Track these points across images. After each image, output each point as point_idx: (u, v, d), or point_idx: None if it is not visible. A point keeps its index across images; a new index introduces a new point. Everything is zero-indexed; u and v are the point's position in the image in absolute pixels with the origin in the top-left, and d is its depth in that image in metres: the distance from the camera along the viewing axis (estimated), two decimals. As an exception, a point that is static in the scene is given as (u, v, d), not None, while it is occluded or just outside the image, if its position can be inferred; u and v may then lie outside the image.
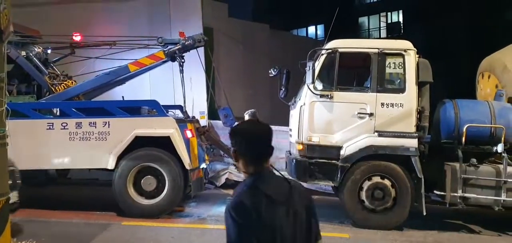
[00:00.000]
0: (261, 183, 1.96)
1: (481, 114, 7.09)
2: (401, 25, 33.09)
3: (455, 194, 6.89)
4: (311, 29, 36.90)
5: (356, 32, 32.82)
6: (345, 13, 26.63)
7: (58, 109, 8.15)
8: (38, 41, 8.95)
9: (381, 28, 34.53)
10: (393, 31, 31.93)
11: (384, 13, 34.53)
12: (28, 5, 11.04)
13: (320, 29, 35.33)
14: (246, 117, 7.29)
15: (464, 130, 6.95)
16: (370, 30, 35.10)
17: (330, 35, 7.53)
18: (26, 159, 7.25)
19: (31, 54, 8.46)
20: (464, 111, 7.13)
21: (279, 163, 8.15)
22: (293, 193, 2.02)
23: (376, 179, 6.99)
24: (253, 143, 2.02)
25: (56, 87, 8.34)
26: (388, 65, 7.10)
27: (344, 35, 7.82)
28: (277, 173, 2.09)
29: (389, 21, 34.42)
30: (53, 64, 9.08)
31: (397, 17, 33.99)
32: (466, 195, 6.90)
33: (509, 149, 6.99)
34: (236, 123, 8.05)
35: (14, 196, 5.89)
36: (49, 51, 8.93)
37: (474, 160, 6.97)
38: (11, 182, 5.88)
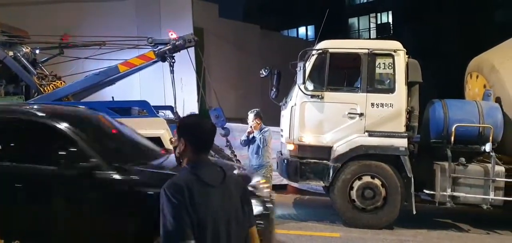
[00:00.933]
0: (198, 169, 2.12)
1: (470, 114, 7.15)
2: (391, 25, 33.38)
3: (444, 193, 6.95)
4: (302, 30, 37.01)
5: (346, 33, 33.01)
6: (335, 14, 26.74)
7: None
8: (26, 41, 8.84)
9: (371, 29, 34.77)
10: (383, 32, 32.16)
11: (373, 14, 34.79)
12: (17, 5, 10.92)
13: (311, 29, 35.45)
14: (251, 116, 7.23)
15: (453, 129, 7.00)
16: (360, 30, 35.33)
17: (321, 36, 7.55)
18: None
19: (19, 55, 8.35)
20: (453, 111, 7.18)
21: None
22: (228, 180, 2.18)
23: (367, 178, 7.02)
24: (202, 133, 2.21)
25: (45, 88, 8.23)
26: (378, 66, 7.13)
27: (334, 35, 7.83)
28: (213, 162, 2.32)
29: (379, 22, 34.69)
30: (42, 64, 8.97)
31: (386, 18, 34.27)
32: (455, 194, 6.97)
33: (497, 148, 7.08)
34: (225, 123, 8.06)
35: None
36: (37, 51, 8.83)
37: (463, 159, 7.04)
38: None
